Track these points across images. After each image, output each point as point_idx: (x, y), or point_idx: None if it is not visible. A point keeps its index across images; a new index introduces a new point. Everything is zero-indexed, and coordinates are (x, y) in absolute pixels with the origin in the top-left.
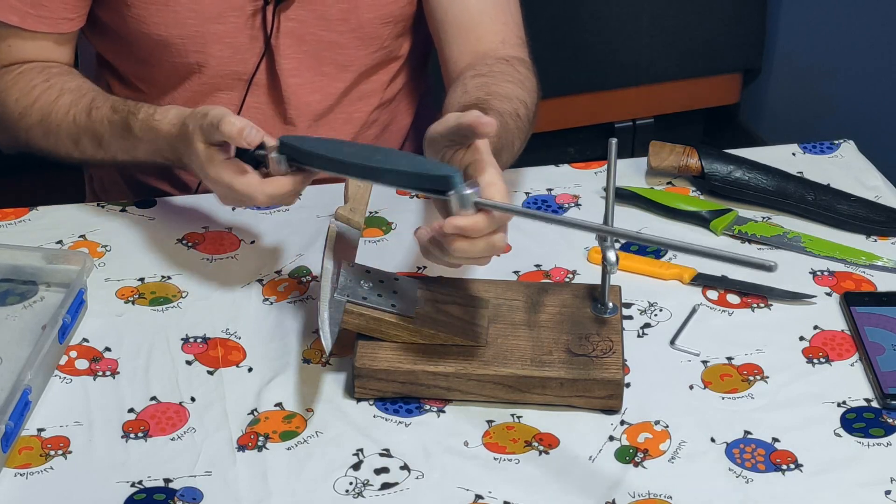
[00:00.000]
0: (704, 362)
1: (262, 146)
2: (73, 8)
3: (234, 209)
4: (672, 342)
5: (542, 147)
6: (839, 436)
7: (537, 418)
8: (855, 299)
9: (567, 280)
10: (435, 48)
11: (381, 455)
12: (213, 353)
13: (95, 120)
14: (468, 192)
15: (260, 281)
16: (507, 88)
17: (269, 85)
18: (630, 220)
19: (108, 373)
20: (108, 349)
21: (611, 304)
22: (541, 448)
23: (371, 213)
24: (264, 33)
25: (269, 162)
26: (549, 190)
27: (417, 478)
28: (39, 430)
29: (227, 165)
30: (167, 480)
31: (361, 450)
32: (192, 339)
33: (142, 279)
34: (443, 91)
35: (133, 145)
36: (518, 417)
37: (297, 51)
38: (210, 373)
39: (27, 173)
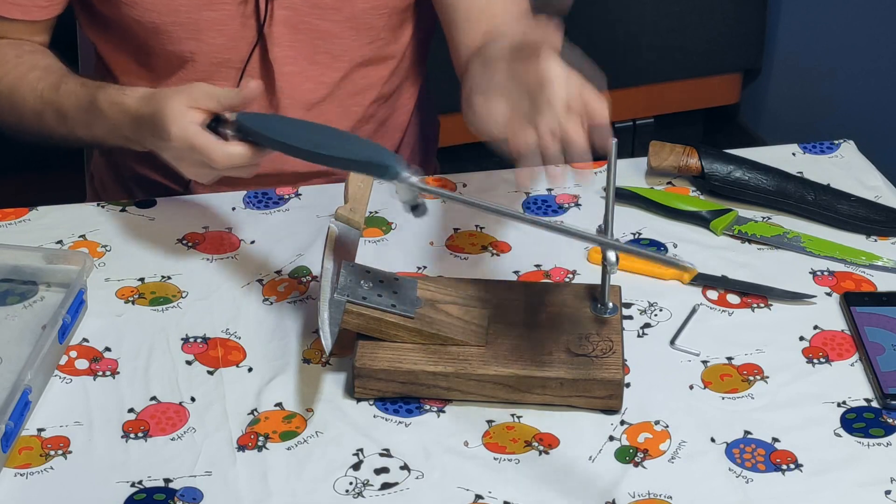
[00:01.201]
0: (704, 362)
1: (220, 122)
2: None
3: (233, 209)
4: (672, 342)
5: None
6: (839, 436)
7: (537, 418)
8: (855, 299)
9: (567, 280)
10: (433, 45)
11: (381, 455)
12: (213, 353)
13: (62, 94)
14: (411, 178)
15: (260, 281)
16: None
17: (262, 74)
18: (630, 220)
19: (108, 373)
20: (108, 349)
21: (611, 304)
22: (541, 448)
23: (371, 213)
24: (257, 21)
25: (226, 137)
26: (549, 190)
27: (417, 478)
28: (39, 430)
29: (193, 123)
30: (167, 480)
31: (361, 450)
32: (192, 339)
33: (142, 279)
34: (441, 88)
35: (95, 120)
36: (518, 417)
37: (291, 39)
38: (210, 373)
39: (27, 173)
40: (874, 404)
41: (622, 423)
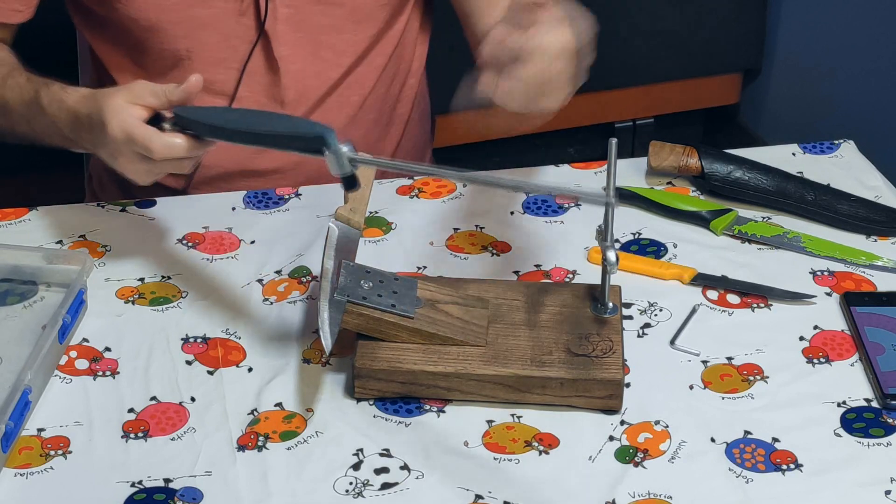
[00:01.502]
0: (704, 362)
1: (160, 119)
2: (24, 0)
3: (233, 209)
4: (672, 342)
5: (542, 147)
6: (839, 436)
7: (537, 418)
8: (855, 299)
9: (567, 280)
10: (431, 46)
11: (381, 455)
12: (213, 353)
13: (8, 88)
14: (344, 149)
15: (260, 281)
16: None
17: (265, 72)
18: (630, 220)
19: (108, 373)
20: (108, 349)
21: (611, 304)
22: (541, 448)
23: (371, 213)
24: (256, 19)
25: (165, 131)
26: None
27: (417, 478)
28: (39, 430)
29: (133, 116)
30: (167, 480)
31: (361, 450)
32: (192, 339)
33: (142, 279)
34: (440, 88)
35: (35, 116)
36: (518, 417)
37: (294, 37)
38: (210, 373)
39: (27, 173)
40: (874, 404)
41: (622, 423)
